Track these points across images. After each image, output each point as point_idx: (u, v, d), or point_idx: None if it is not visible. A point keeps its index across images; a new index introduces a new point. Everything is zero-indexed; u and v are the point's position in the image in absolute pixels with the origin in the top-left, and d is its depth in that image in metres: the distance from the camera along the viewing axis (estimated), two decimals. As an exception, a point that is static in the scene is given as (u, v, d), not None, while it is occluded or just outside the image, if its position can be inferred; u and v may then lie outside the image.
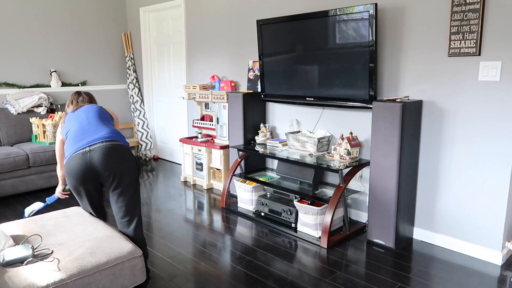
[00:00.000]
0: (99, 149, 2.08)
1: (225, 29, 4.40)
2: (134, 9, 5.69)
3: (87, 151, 2.08)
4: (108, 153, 2.08)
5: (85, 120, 2.25)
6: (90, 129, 2.18)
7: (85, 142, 2.12)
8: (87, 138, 2.14)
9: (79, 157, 2.09)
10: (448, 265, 2.71)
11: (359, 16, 2.95)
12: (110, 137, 2.15)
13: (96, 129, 2.18)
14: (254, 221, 3.51)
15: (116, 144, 2.13)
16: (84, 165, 2.09)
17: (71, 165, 2.12)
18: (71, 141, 2.19)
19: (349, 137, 3.18)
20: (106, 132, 2.16)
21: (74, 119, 2.30)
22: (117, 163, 2.11)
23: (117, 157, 2.11)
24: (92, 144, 2.10)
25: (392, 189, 2.87)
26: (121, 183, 2.16)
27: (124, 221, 2.23)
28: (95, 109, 2.36)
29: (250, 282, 2.52)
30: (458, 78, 2.75)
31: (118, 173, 2.13)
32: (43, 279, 1.77)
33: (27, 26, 4.94)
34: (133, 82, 5.80)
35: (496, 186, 2.67)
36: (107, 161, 2.08)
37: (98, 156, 2.07)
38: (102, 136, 2.14)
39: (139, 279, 2.07)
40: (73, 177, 2.14)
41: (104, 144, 2.10)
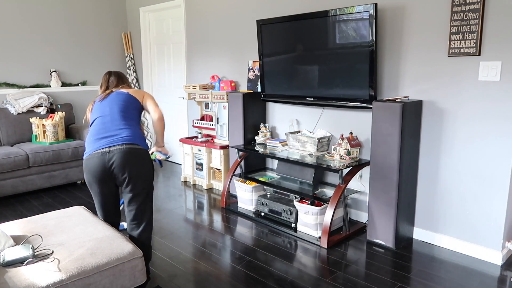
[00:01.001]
0: (118, 152, 2.10)
1: (225, 29, 4.40)
2: (134, 9, 5.69)
3: (107, 152, 2.10)
4: (126, 157, 2.10)
5: (108, 115, 2.21)
6: (112, 127, 2.17)
7: (105, 142, 2.12)
8: (108, 138, 2.14)
9: (98, 156, 2.11)
10: (448, 265, 2.71)
11: (359, 16, 2.95)
12: (130, 140, 2.15)
13: (117, 128, 2.17)
14: (254, 221, 3.51)
15: (135, 148, 2.14)
16: (102, 166, 2.11)
17: (90, 163, 2.14)
18: (92, 137, 2.19)
19: (349, 137, 3.18)
20: (127, 134, 2.16)
21: (99, 111, 2.26)
22: (133, 168, 2.13)
23: (134, 162, 2.13)
24: (112, 145, 2.11)
25: (392, 189, 2.87)
26: (135, 189, 2.17)
27: (133, 224, 2.25)
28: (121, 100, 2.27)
29: (250, 282, 2.52)
30: (458, 78, 2.75)
31: (133, 179, 2.15)
32: (43, 280, 1.77)
33: (27, 26, 4.94)
34: (133, 82, 5.80)
35: (496, 186, 2.67)
36: (124, 165, 2.10)
37: (117, 159, 2.09)
38: (123, 138, 2.14)
39: (139, 280, 2.07)
40: (90, 175, 2.16)
41: (124, 147, 2.11)
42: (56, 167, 4.38)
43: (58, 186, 4.54)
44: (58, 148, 4.36)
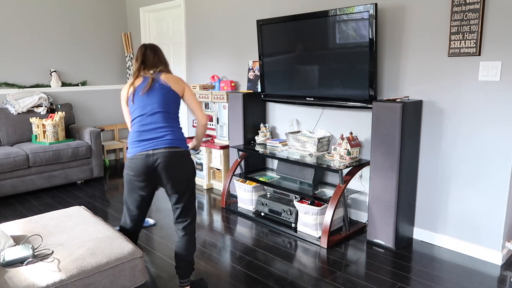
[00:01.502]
0: (162, 156, 2.15)
1: (225, 29, 4.40)
2: (134, 9, 5.69)
3: (151, 154, 2.15)
4: (170, 160, 2.16)
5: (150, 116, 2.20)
6: (155, 129, 2.19)
7: (150, 145, 2.16)
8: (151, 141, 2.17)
9: (142, 158, 2.15)
10: (448, 265, 2.71)
11: (359, 16, 2.95)
12: (173, 143, 2.18)
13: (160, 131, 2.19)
14: (254, 221, 3.51)
15: (177, 152, 2.19)
16: (146, 168, 2.16)
17: (134, 164, 2.18)
18: (135, 138, 2.21)
19: (349, 137, 3.18)
20: (169, 137, 2.19)
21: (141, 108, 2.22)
22: (176, 171, 2.18)
23: (177, 165, 2.18)
24: (155, 148, 2.15)
25: (392, 189, 2.87)
26: (179, 190, 2.23)
27: (180, 219, 2.30)
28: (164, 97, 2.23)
29: (250, 282, 2.52)
30: (458, 78, 2.75)
31: (177, 182, 2.20)
32: (43, 280, 1.77)
33: (27, 26, 4.94)
34: (133, 82, 5.80)
35: (496, 186, 2.67)
36: (167, 168, 2.16)
37: (161, 162, 2.15)
38: (166, 141, 2.17)
39: (139, 280, 2.07)
40: (133, 174, 2.20)
41: (167, 150, 2.16)
42: (56, 167, 4.38)
43: (58, 186, 4.55)
44: (58, 148, 4.36)
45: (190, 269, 2.33)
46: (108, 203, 4.01)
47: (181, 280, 2.32)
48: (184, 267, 2.30)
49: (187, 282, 2.33)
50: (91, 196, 4.23)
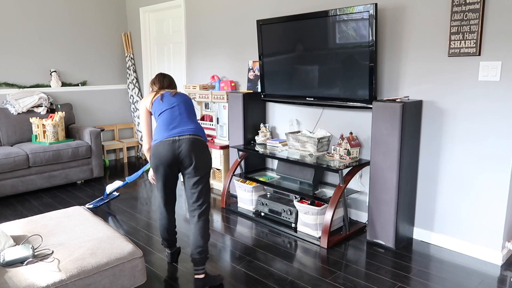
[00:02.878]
0: (186, 140, 2.41)
1: (225, 29, 4.40)
2: (134, 9, 5.69)
3: (176, 140, 2.41)
4: (193, 145, 2.41)
5: (177, 111, 2.51)
6: (181, 120, 2.49)
7: (176, 131, 2.43)
8: (178, 128, 2.45)
9: (168, 143, 2.40)
10: (448, 265, 2.71)
11: (359, 16, 2.95)
12: (196, 132, 2.47)
13: (186, 122, 2.49)
14: (254, 221, 3.51)
15: (199, 139, 2.46)
16: (171, 151, 2.40)
17: (160, 149, 2.42)
18: (162, 127, 2.47)
19: (349, 137, 3.18)
20: (193, 127, 2.48)
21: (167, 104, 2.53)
22: (198, 155, 2.42)
23: (199, 150, 2.43)
24: (181, 135, 2.42)
25: (392, 189, 2.87)
26: (198, 173, 2.44)
27: (196, 205, 2.46)
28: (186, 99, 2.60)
29: (250, 282, 2.52)
30: (458, 78, 2.75)
31: (198, 164, 2.42)
32: (43, 280, 1.77)
33: (27, 26, 4.94)
34: (133, 82, 5.80)
35: (496, 186, 2.67)
36: (190, 152, 2.40)
37: (185, 146, 2.40)
38: (190, 130, 2.46)
39: (139, 280, 2.07)
40: (159, 159, 2.44)
41: (191, 137, 2.42)
42: (56, 167, 4.38)
43: (58, 186, 4.55)
44: (58, 148, 4.36)
45: (204, 256, 2.44)
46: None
47: (195, 268, 2.44)
48: (198, 254, 2.42)
49: (201, 270, 2.43)
50: (91, 196, 4.23)
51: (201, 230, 2.44)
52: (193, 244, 2.43)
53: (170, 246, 2.74)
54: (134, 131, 5.98)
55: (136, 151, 6.02)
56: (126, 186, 4.57)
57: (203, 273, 2.43)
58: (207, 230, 2.47)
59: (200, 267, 2.43)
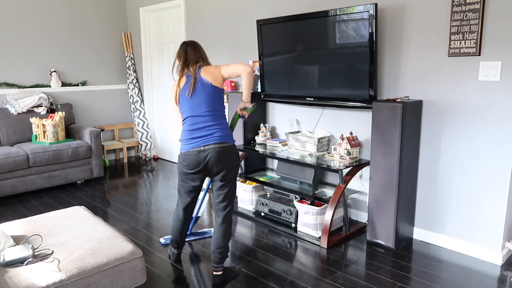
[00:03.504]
0: (212, 151, 2.38)
1: (225, 29, 4.40)
2: (134, 9, 5.69)
3: (202, 151, 2.38)
4: (219, 155, 2.39)
5: (198, 111, 2.42)
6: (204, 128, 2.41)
7: (200, 142, 2.39)
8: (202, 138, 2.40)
9: (195, 154, 2.40)
10: (448, 265, 2.71)
11: (359, 16, 2.95)
12: (221, 139, 2.41)
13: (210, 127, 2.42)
14: (254, 221, 3.51)
15: (226, 146, 2.42)
16: (198, 163, 2.41)
17: (187, 159, 2.43)
18: (187, 136, 2.45)
19: (349, 137, 3.18)
20: (218, 134, 2.41)
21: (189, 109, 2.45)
22: (225, 164, 2.42)
23: (225, 159, 2.41)
24: (206, 145, 2.38)
25: (392, 189, 2.87)
26: (225, 179, 2.46)
27: (221, 205, 2.51)
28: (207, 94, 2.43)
29: (250, 282, 2.52)
30: (458, 78, 2.75)
31: (225, 172, 2.44)
32: (43, 280, 1.77)
33: (27, 26, 4.94)
34: (133, 82, 5.80)
35: (496, 186, 2.67)
36: (217, 162, 2.40)
37: (211, 157, 2.38)
38: (215, 138, 2.40)
39: (139, 280, 2.07)
40: (186, 168, 2.45)
41: (216, 146, 2.39)
42: (56, 167, 4.38)
43: (58, 186, 4.55)
44: (58, 148, 4.36)
45: (225, 255, 2.51)
46: (108, 203, 4.01)
47: (215, 265, 2.51)
48: (219, 254, 2.49)
49: (220, 268, 2.51)
50: (91, 196, 4.23)
51: (224, 231, 2.50)
52: (215, 244, 2.49)
53: (179, 247, 2.77)
54: (134, 131, 5.98)
55: (136, 151, 6.02)
56: (129, 186, 4.57)
57: (221, 270, 2.52)
58: (229, 231, 2.53)
59: (220, 265, 2.51)
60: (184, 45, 2.55)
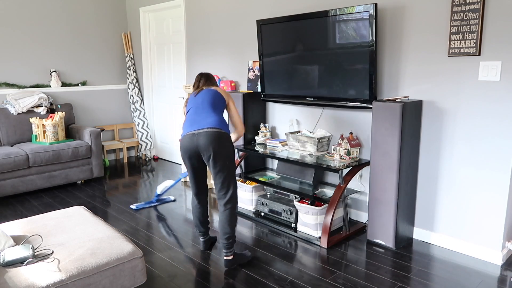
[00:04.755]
0: (204, 133, 2.56)
1: (225, 29, 4.40)
2: (134, 9, 5.69)
3: (196, 134, 2.59)
4: (210, 138, 2.55)
5: (200, 105, 2.72)
6: (201, 114, 2.66)
7: (195, 126, 2.62)
8: (198, 123, 2.63)
9: (189, 137, 2.61)
10: (448, 265, 2.71)
11: (359, 16, 2.95)
12: (214, 124, 2.60)
13: (206, 116, 2.65)
14: (254, 221, 3.51)
15: (218, 131, 2.58)
16: (191, 144, 2.60)
17: (184, 142, 2.65)
18: (187, 123, 2.70)
19: (349, 137, 3.18)
20: (212, 120, 2.62)
21: (193, 103, 2.76)
22: (216, 148, 2.55)
23: (216, 142, 2.55)
24: (199, 129, 2.59)
25: (392, 189, 2.87)
26: (218, 164, 2.58)
27: (221, 194, 2.65)
28: (210, 95, 2.75)
29: (250, 282, 2.52)
30: (458, 78, 2.75)
31: (216, 156, 2.56)
32: (43, 280, 1.77)
33: (27, 26, 4.94)
34: (133, 82, 5.80)
35: (496, 186, 2.67)
36: (208, 145, 2.54)
37: (202, 138, 2.56)
38: (208, 123, 2.61)
39: (139, 280, 2.07)
40: (183, 151, 2.67)
41: (208, 130, 2.57)
42: (56, 167, 4.38)
43: (58, 186, 4.55)
44: (58, 148, 4.36)
45: (231, 242, 2.64)
46: (108, 203, 4.01)
47: (224, 251, 2.66)
48: (226, 240, 2.62)
49: (230, 252, 2.66)
50: (91, 196, 4.23)
51: (228, 218, 2.62)
52: (220, 231, 2.64)
53: (203, 234, 2.91)
54: (134, 131, 5.98)
55: (136, 151, 6.02)
56: (129, 186, 4.58)
57: (231, 255, 2.66)
58: (233, 217, 2.65)
59: (228, 251, 2.64)
60: (199, 75, 2.91)
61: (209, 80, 2.92)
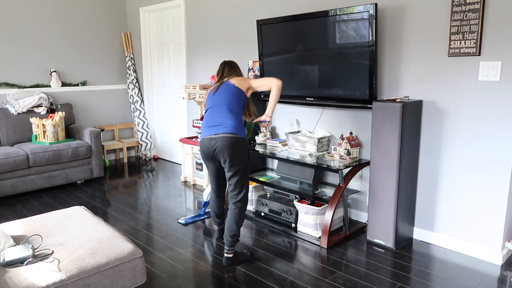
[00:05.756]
0: (221, 138, 2.67)
1: (225, 29, 4.40)
2: (134, 9, 5.69)
3: (213, 138, 2.70)
4: (226, 144, 2.66)
5: (217, 106, 2.77)
6: (219, 117, 2.73)
7: (213, 130, 2.71)
8: (215, 127, 2.71)
9: (207, 141, 2.73)
10: (448, 265, 2.71)
11: (359, 16, 2.95)
12: (231, 130, 2.68)
13: (223, 119, 2.71)
14: (254, 221, 3.51)
15: (234, 137, 2.67)
16: (209, 148, 2.73)
17: (203, 146, 2.78)
18: (204, 125, 2.80)
19: (349, 137, 3.18)
20: (229, 125, 2.69)
21: (211, 103, 2.82)
22: (231, 152, 2.66)
23: (231, 148, 2.66)
24: (216, 134, 2.69)
25: (392, 189, 2.87)
26: (232, 168, 2.70)
27: (233, 194, 2.76)
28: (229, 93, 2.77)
29: (250, 282, 2.52)
30: (458, 78, 2.75)
31: (231, 161, 2.68)
32: (43, 280, 1.77)
33: (27, 26, 4.94)
34: (133, 82, 5.80)
35: (496, 186, 2.67)
36: (223, 150, 2.66)
37: (219, 144, 2.67)
38: (225, 128, 2.69)
39: (139, 280, 2.07)
40: (203, 154, 2.81)
41: (225, 135, 2.67)
42: (56, 167, 4.38)
43: (58, 186, 4.55)
44: (58, 148, 4.36)
45: (235, 240, 2.73)
46: (108, 203, 4.01)
47: (226, 248, 2.74)
48: (230, 237, 2.72)
49: (231, 250, 2.74)
50: (91, 196, 4.23)
51: (236, 217, 2.73)
52: (227, 228, 2.73)
53: (218, 224, 3.10)
54: (134, 131, 5.98)
55: (136, 151, 6.02)
56: (129, 186, 4.58)
57: (232, 253, 2.74)
58: (241, 217, 2.76)
59: (230, 248, 2.73)
60: (223, 64, 2.96)
61: (233, 68, 2.94)
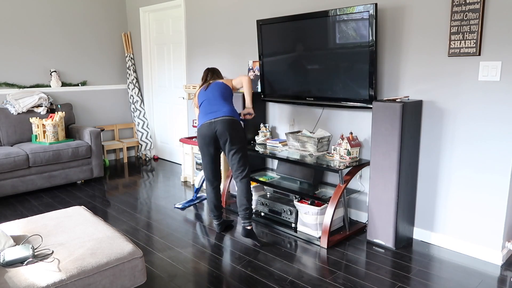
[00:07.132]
0: (220, 121, 2.97)
1: (225, 29, 4.40)
2: (134, 9, 5.69)
3: (212, 122, 2.99)
4: (226, 124, 2.96)
5: (212, 98, 3.11)
6: (215, 105, 3.06)
7: (211, 116, 3.01)
8: (213, 113, 3.02)
9: (207, 125, 3.00)
10: (448, 265, 2.72)
11: (359, 16, 2.95)
12: (228, 113, 3.01)
13: (219, 106, 3.05)
14: (254, 221, 3.51)
15: (231, 119, 3.00)
16: (210, 131, 3.00)
17: (201, 131, 3.04)
18: (202, 114, 3.09)
19: (349, 137, 3.18)
20: (226, 110, 3.02)
21: (205, 96, 3.15)
22: (232, 132, 2.97)
23: (231, 128, 2.97)
24: (216, 118, 2.99)
25: (392, 189, 2.87)
26: (234, 146, 3.00)
27: (238, 172, 3.04)
28: (219, 87, 3.16)
29: (250, 282, 2.52)
30: (458, 78, 2.75)
31: (232, 139, 2.98)
32: (43, 280, 1.77)
33: (27, 26, 4.94)
34: (133, 82, 5.80)
35: (496, 186, 2.67)
36: (224, 130, 2.96)
37: (220, 125, 2.96)
38: (223, 112, 3.01)
39: (139, 280, 2.07)
40: (201, 138, 3.05)
41: (224, 118, 2.98)
42: (56, 167, 4.38)
43: (58, 186, 4.55)
44: (58, 148, 4.36)
45: (250, 212, 3.02)
46: (108, 203, 4.01)
47: (243, 221, 3.02)
48: (243, 211, 3.02)
49: (248, 222, 3.02)
50: (91, 196, 4.23)
51: (244, 191, 3.02)
52: (238, 203, 3.05)
53: (217, 218, 3.25)
54: (134, 131, 5.98)
55: (136, 151, 6.02)
56: (129, 186, 4.58)
57: (250, 225, 3.02)
58: (248, 190, 3.05)
59: (247, 221, 3.01)
60: (207, 70, 3.34)
61: (216, 74, 3.34)
